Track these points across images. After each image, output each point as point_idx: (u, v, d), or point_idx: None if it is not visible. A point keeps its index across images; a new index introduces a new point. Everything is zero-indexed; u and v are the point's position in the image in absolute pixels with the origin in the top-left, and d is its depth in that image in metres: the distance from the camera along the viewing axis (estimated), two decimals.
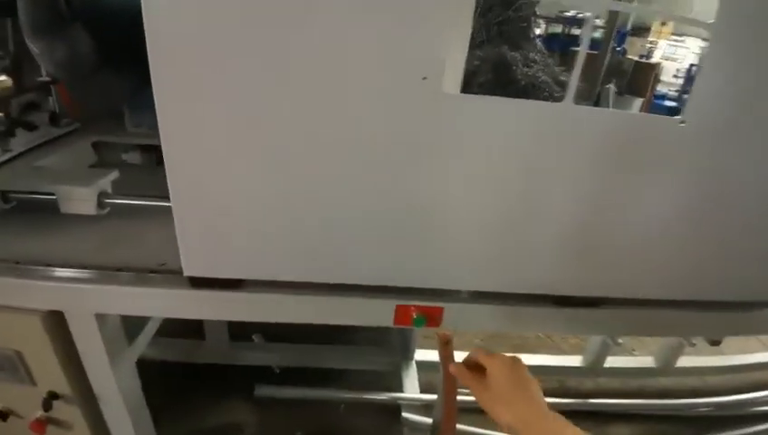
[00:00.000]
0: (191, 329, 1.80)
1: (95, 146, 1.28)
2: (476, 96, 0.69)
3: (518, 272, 0.84)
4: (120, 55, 1.18)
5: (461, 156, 0.72)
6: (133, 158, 1.35)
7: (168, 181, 0.73)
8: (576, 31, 6.20)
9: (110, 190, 0.99)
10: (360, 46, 0.64)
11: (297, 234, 0.78)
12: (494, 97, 0.70)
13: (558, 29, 6.53)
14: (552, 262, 0.84)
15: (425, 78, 0.66)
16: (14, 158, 1.06)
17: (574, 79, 0.70)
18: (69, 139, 1.22)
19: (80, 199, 0.94)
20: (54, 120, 1.10)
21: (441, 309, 0.85)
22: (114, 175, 1.01)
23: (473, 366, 0.69)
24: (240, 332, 1.84)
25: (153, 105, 1.28)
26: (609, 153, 0.74)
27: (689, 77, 6.59)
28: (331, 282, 0.83)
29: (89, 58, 1.10)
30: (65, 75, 1.08)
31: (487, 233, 0.79)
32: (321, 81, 0.66)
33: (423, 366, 1.88)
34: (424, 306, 0.85)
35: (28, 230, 0.97)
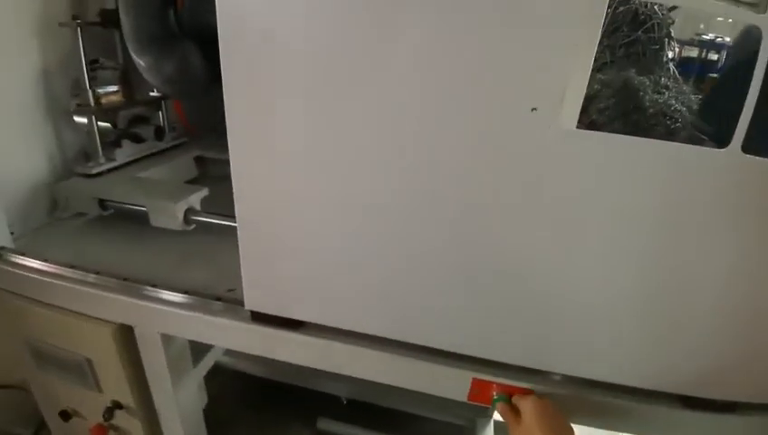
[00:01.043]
0: None
1: (197, 160, 1.33)
2: (601, 134, 0.54)
3: (643, 360, 0.65)
4: None
5: (575, 207, 0.57)
6: None
7: (237, 213, 0.68)
8: (713, 56, 5.43)
9: (198, 207, 0.99)
10: (452, 70, 0.53)
11: (365, 282, 0.68)
12: (627, 136, 0.54)
13: (694, 53, 5.81)
14: (692, 352, 0.63)
15: (534, 109, 0.52)
16: (118, 168, 1.12)
17: (744, 120, 0.51)
18: (173, 153, 1.27)
19: (167, 214, 0.95)
20: (159, 134, 1.15)
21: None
22: (204, 192, 1.01)
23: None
24: None
25: None
26: None
27: None
28: (399, 339, 0.71)
29: (199, 75, 1.12)
30: (173, 91, 1.13)
31: (606, 308, 0.62)
32: (405, 114, 0.56)
33: (501, 428, 1.66)
34: (508, 385, 0.69)
35: (116, 238, 1.01)
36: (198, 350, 1.02)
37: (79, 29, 0.97)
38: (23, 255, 0.91)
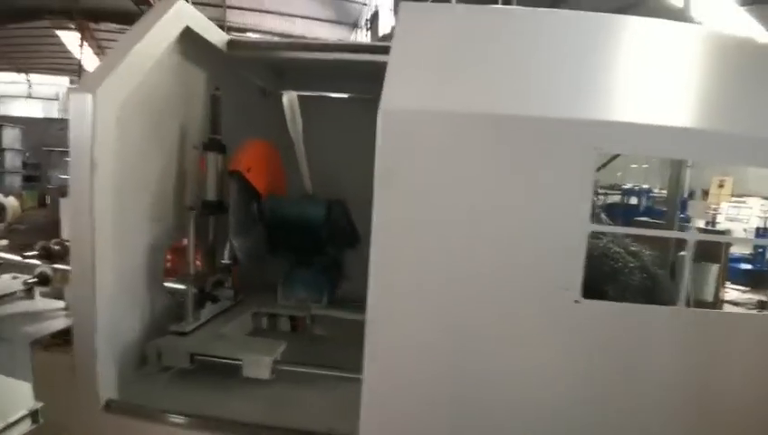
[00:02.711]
0: None
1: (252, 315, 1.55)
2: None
3: None
4: (283, 245, 1.55)
5: None
6: (284, 325, 1.61)
7: (366, 372, 0.91)
8: (633, 200, 6.55)
9: (279, 358, 1.19)
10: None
11: None
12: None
13: (617, 198, 6.95)
14: None
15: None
16: (200, 326, 1.32)
17: (684, 286, 0.86)
18: (237, 310, 1.49)
19: (261, 366, 1.14)
20: (235, 295, 1.39)
21: None
22: (283, 346, 1.22)
23: None
24: None
25: (301, 283, 1.56)
26: None
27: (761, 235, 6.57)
28: None
29: (262, 249, 1.49)
30: (248, 260, 1.40)
31: None
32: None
33: None
34: None
35: (206, 388, 1.17)
36: None
37: (193, 218, 1.26)
38: (130, 405, 1.04)
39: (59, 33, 9.57)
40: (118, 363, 1.11)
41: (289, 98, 1.40)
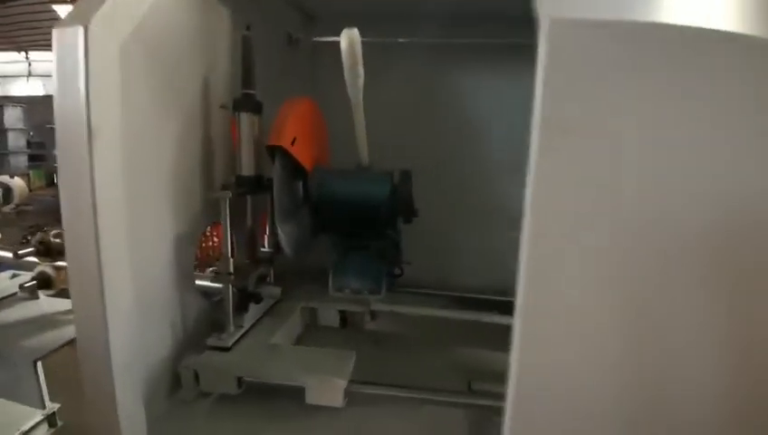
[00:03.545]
0: None
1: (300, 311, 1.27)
2: None
3: None
4: (335, 228, 1.25)
5: None
6: (331, 319, 1.33)
7: (511, 379, 0.63)
8: None
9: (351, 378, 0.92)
10: None
11: None
12: None
13: None
14: None
15: None
16: (243, 335, 1.04)
17: None
18: (282, 307, 1.21)
19: (330, 390, 0.87)
20: (284, 291, 1.10)
21: None
22: (353, 358, 0.95)
23: None
24: None
25: (355, 271, 1.28)
26: None
27: None
28: None
29: (309, 235, 1.21)
30: (295, 249, 1.11)
31: None
32: None
33: None
34: None
35: (255, 419, 0.91)
36: None
37: (228, 200, 0.96)
38: None
39: (55, 7, 9.34)
40: (144, 398, 0.84)
41: (349, 38, 0.90)
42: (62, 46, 0.69)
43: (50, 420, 1.46)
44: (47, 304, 1.37)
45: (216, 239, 1.17)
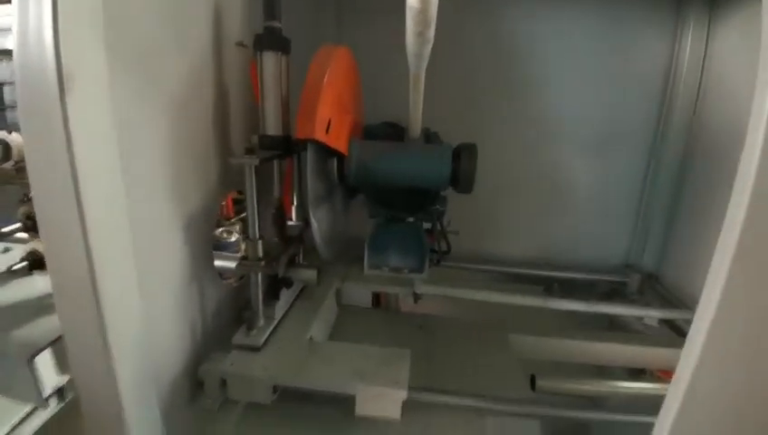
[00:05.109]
0: None
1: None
2: None
3: None
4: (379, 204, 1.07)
5: None
6: (362, 298, 1.17)
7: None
8: None
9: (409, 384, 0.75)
10: None
11: None
12: None
13: None
14: None
15: None
16: (275, 328, 0.87)
17: None
18: (314, 292, 1.03)
19: (386, 400, 0.71)
20: (318, 276, 0.91)
21: None
22: (408, 359, 0.78)
23: None
24: None
25: (395, 247, 1.10)
26: None
27: None
28: None
29: (343, 219, 1.07)
30: (324, 241, 0.91)
31: None
32: None
33: None
34: None
35: (300, 430, 0.75)
36: None
37: (253, 168, 0.76)
38: None
39: None
40: (160, 408, 0.68)
41: None
42: None
43: (59, 393, 1.36)
44: (42, 282, 1.21)
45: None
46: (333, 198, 0.98)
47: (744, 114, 0.38)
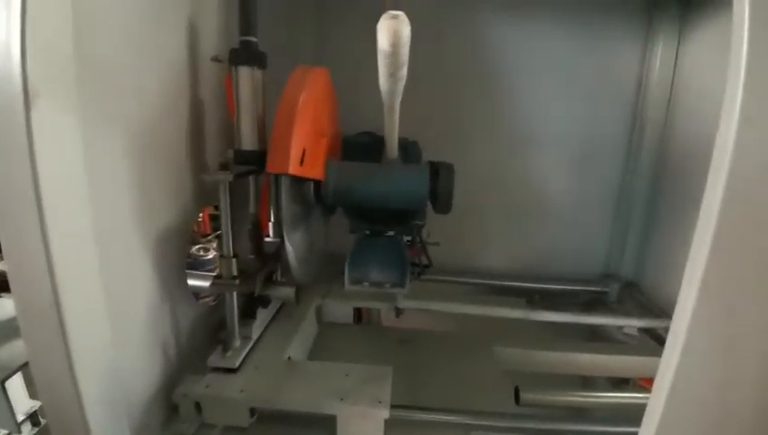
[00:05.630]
0: None
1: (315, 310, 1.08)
2: None
3: None
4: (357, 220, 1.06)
5: None
6: (344, 315, 1.14)
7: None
8: None
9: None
10: None
11: None
12: None
13: None
14: None
15: None
16: (251, 348, 0.84)
17: None
18: (286, 310, 1.01)
19: (368, 421, 0.69)
20: (297, 295, 0.88)
21: None
22: (390, 375, 0.76)
23: None
24: None
25: (376, 261, 1.09)
26: None
27: None
28: None
29: (320, 240, 1.04)
30: (300, 264, 0.89)
31: None
32: None
33: None
34: None
35: None
36: None
37: (227, 184, 0.74)
38: None
39: None
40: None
41: (394, 31, 0.50)
42: None
43: (32, 418, 1.32)
44: (11, 304, 1.15)
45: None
46: (310, 217, 0.96)
47: (712, 125, 0.39)
